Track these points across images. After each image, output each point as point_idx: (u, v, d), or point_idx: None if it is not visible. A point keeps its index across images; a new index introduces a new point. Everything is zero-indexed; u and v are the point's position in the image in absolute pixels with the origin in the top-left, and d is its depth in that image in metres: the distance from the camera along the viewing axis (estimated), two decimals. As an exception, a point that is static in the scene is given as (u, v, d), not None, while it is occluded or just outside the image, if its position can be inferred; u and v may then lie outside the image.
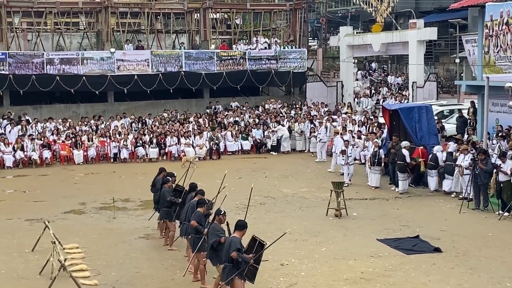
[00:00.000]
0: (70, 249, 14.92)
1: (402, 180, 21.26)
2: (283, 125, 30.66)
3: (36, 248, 14.91)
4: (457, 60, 36.80)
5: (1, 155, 27.15)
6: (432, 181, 21.30)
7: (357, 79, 42.10)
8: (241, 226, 10.93)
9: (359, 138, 26.40)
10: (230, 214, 13.50)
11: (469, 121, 26.33)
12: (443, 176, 21.09)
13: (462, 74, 37.27)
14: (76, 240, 15.83)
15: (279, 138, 30.30)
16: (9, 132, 29.47)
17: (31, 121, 30.88)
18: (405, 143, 21.64)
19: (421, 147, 21.99)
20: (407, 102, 32.53)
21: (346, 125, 27.99)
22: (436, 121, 24.42)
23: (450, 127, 27.15)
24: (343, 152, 22.75)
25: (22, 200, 21.01)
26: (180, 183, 16.10)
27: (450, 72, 42.51)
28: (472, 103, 26.39)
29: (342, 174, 23.12)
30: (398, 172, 21.35)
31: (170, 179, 15.63)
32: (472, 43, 31.57)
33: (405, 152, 21.33)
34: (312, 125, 29.76)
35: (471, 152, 19.68)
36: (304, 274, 13.26)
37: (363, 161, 25.16)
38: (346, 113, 32.79)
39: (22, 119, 30.99)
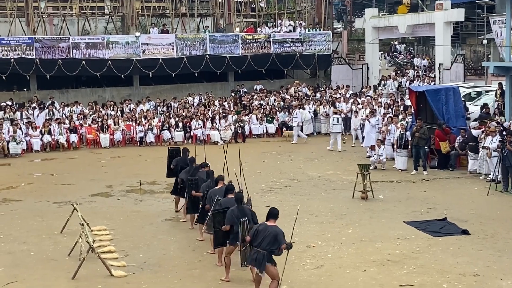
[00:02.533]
0: (98, 231, 15.05)
1: (473, 160, 20.85)
2: (303, 109, 30.51)
3: (65, 230, 15.08)
4: (485, 42, 36.38)
5: (28, 139, 27.44)
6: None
7: (379, 58, 41.72)
8: (276, 214, 10.82)
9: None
10: (255, 196, 13.54)
11: (497, 103, 26.02)
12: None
13: (489, 56, 36.83)
14: (104, 222, 15.98)
15: (301, 121, 30.17)
16: (37, 116, 29.76)
17: (57, 106, 31.17)
18: (474, 124, 21.38)
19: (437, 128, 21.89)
20: (434, 84, 32.23)
21: (373, 108, 27.80)
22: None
23: (478, 109, 26.82)
24: (372, 148, 22.58)
25: (50, 183, 21.23)
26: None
27: (477, 53, 42.02)
28: (500, 84, 26.06)
29: (368, 157, 22.98)
30: (469, 153, 21.02)
31: (208, 164, 15.53)
32: (499, 24, 31.14)
33: (475, 132, 20.94)
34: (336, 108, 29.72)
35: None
36: (330, 256, 13.26)
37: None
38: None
39: (52, 102, 31.30)
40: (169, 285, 11.85)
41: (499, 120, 22.75)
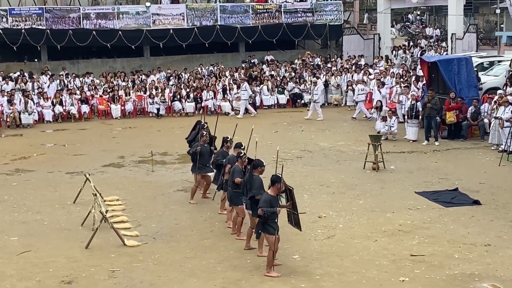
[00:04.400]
0: (111, 201, 15.16)
1: None
2: (317, 78, 30.33)
3: (78, 200, 15.20)
4: (498, 11, 35.92)
5: (40, 109, 27.53)
6: None
7: (392, 26, 41.33)
8: (274, 181, 10.91)
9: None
10: (266, 167, 13.46)
11: (510, 73, 25.80)
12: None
13: (502, 25, 36.41)
14: (116, 192, 16.08)
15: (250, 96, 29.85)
16: (48, 87, 29.80)
17: (69, 76, 31.22)
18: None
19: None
20: (446, 54, 31.98)
21: (381, 79, 27.59)
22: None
23: (490, 79, 26.65)
24: (384, 119, 22.48)
25: (62, 154, 21.33)
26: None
27: (490, 23, 41.55)
28: (514, 54, 25.84)
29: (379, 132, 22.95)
30: None
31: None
32: (513, -7, 30.74)
33: None
34: (349, 79, 29.58)
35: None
36: (342, 226, 13.32)
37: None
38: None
39: (62, 73, 31.37)
40: (182, 254, 11.95)
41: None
